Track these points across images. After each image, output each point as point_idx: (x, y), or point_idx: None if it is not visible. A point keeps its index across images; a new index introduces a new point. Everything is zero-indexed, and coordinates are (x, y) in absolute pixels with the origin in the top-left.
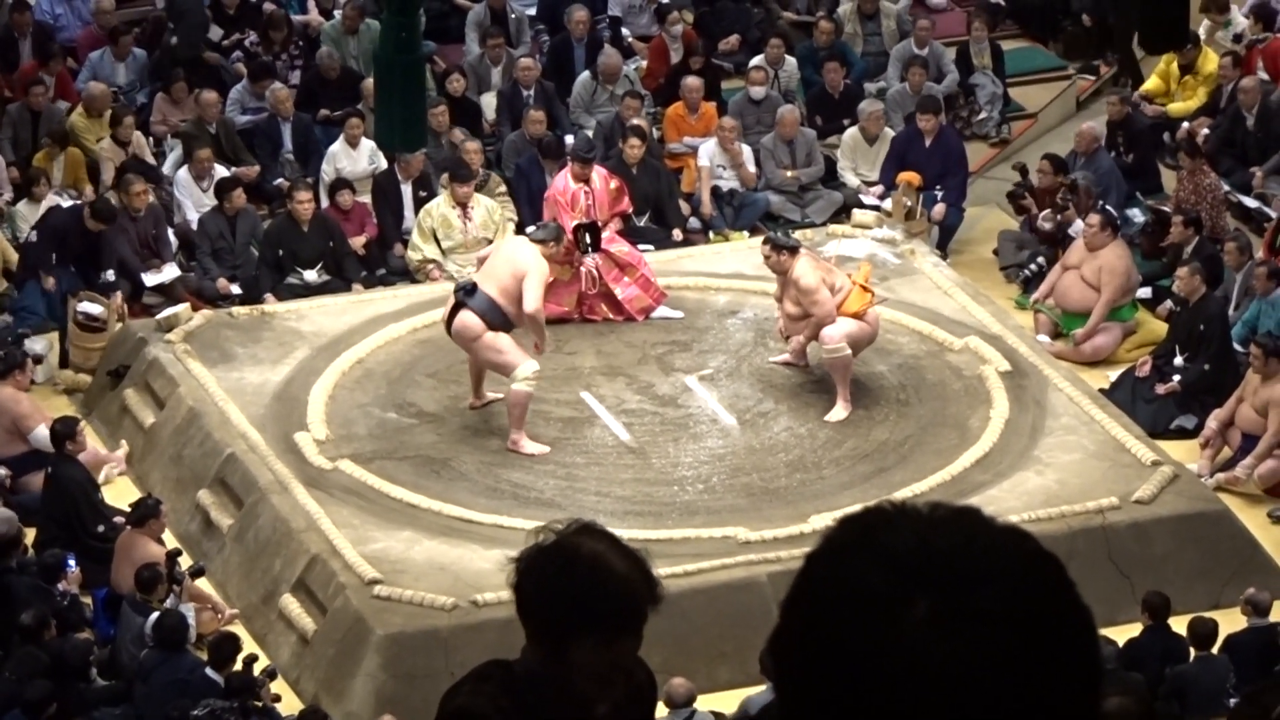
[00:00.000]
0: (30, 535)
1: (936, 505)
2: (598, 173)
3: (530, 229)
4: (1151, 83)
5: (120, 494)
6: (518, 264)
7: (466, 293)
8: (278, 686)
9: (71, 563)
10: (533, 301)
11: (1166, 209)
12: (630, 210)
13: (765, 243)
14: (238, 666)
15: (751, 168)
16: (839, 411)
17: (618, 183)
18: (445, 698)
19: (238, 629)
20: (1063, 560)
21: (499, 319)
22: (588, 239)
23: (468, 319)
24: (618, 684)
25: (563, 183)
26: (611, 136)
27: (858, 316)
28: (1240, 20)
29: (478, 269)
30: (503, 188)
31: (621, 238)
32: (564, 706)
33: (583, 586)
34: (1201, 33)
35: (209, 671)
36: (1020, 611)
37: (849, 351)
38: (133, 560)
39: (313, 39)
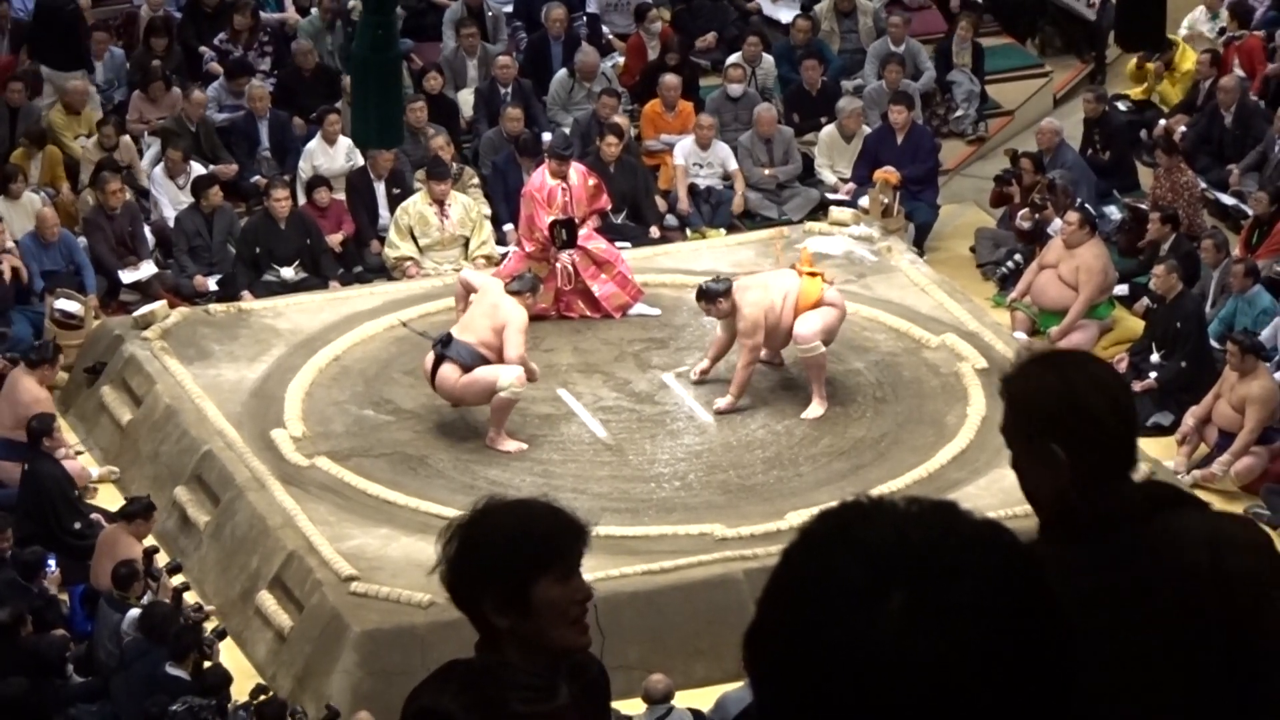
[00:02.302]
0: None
1: (914, 499)
2: (576, 170)
3: (509, 282)
4: (1129, 69)
5: (103, 502)
6: (497, 317)
7: (443, 344)
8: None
9: (52, 563)
10: (514, 350)
11: (1143, 206)
12: (608, 207)
13: (699, 298)
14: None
15: (732, 165)
16: (815, 409)
17: (595, 180)
18: (409, 699)
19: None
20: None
21: (480, 365)
22: (564, 235)
23: (450, 370)
24: (586, 623)
25: (540, 179)
26: (588, 134)
27: (819, 304)
28: (1225, 14)
29: (461, 312)
30: (475, 180)
31: (599, 235)
32: (527, 697)
33: (523, 524)
34: (1192, 17)
35: (169, 668)
36: (997, 605)
37: (824, 349)
38: (114, 557)
39: (290, 36)
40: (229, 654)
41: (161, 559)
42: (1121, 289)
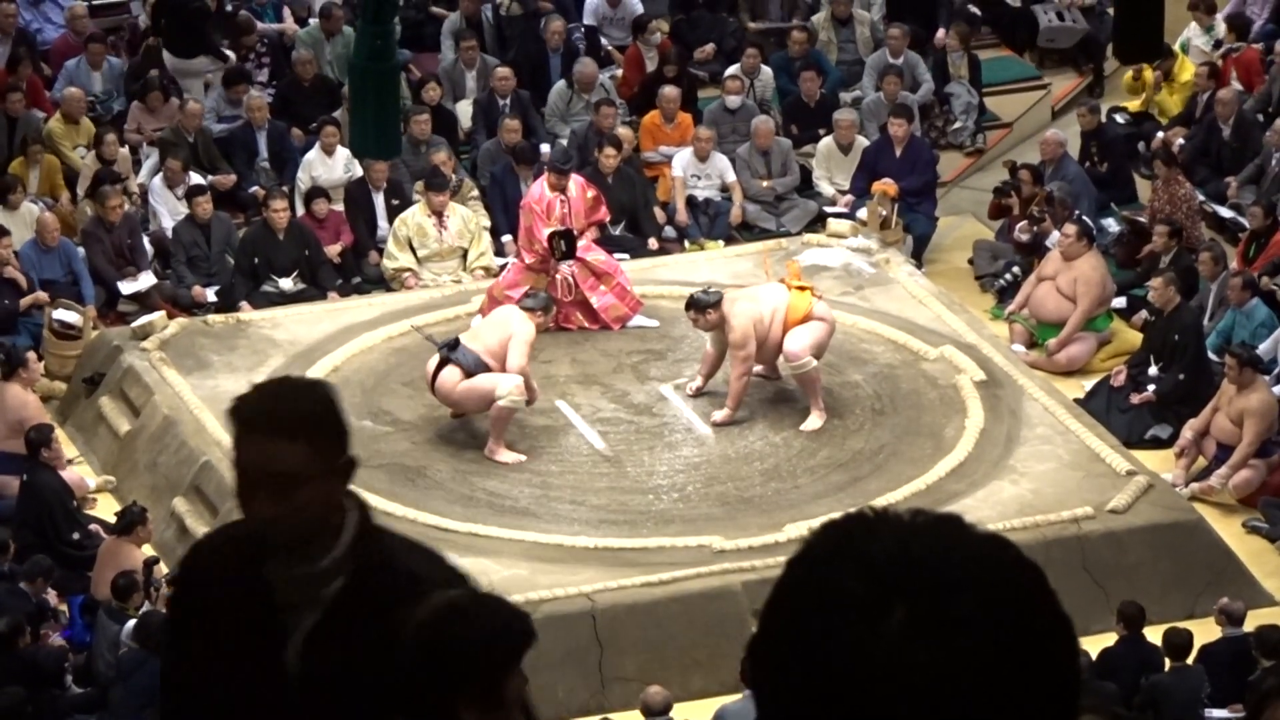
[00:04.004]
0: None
1: (918, 512)
2: (575, 182)
3: (522, 298)
4: (1126, 79)
5: (101, 510)
6: (506, 329)
7: (450, 348)
8: None
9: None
10: (516, 360)
11: (1142, 219)
12: (607, 219)
13: (688, 308)
14: None
15: (731, 177)
16: (814, 421)
17: (595, 192)
18: None
19: None
20: None
21: (482, 372)
22: (563, 246)
23: (451, 374)
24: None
25: (538, 192)
26: (586, 145)
27: (808, 318)
28: (1222, 27)
29: (481, 312)
30: (475, 192)
31: (598, 246)
32: None
33: (492, 622)
34: (1187, 33)
35: None
36: (999, 619)
37: (816, 364)
38: (116, 567)
39: (288, 47)
40: None
41: (162, 569)
42: (1120, 301)
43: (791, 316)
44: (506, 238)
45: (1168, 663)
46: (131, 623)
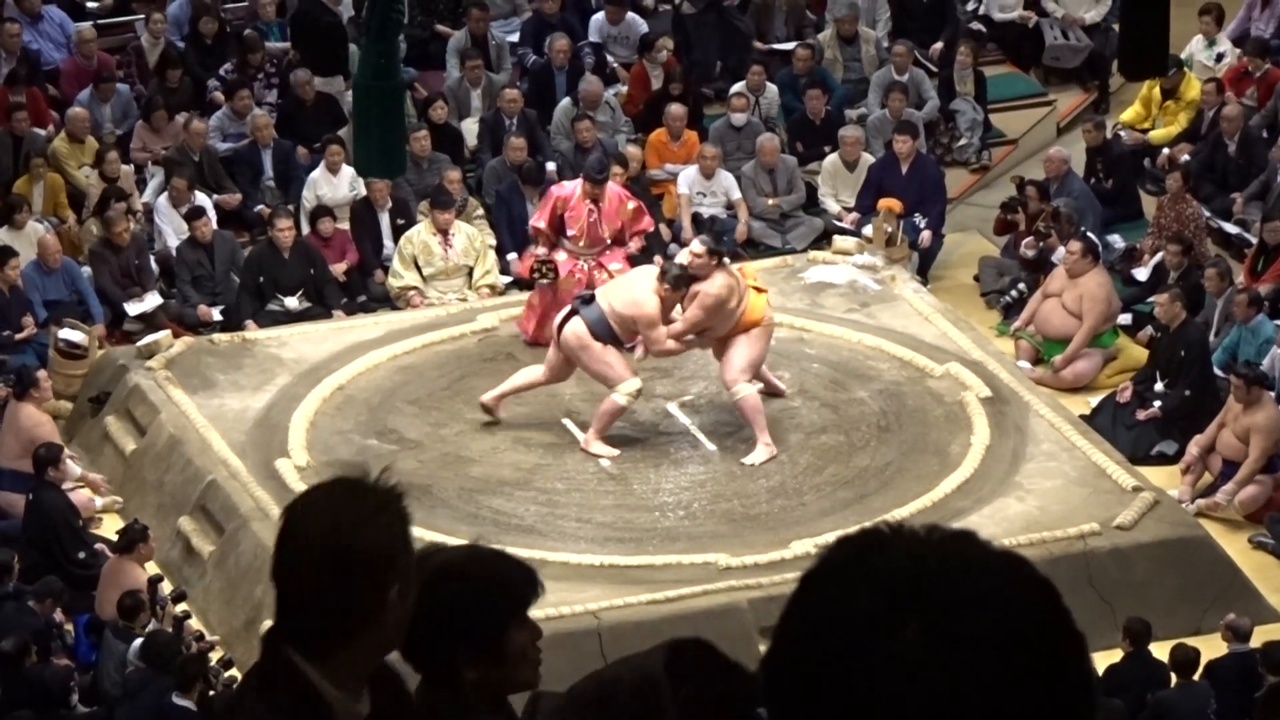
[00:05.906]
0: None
1: (932, 528)
2: (612, 191)
3: (664, 261)
4: (1132, 110)
5: (106, 529)
6: (633, 293)
7: (584, 302)
8: None
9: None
10: (658, 343)
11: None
12: (651, 229)
13: (701, 243)
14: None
15: (736, 194)
16: (760, 453)
17: (636, 203)
18: None
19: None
20: None
21: (606, 334)
22: (545, 272)
23: (577, 328)
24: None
25: (571, 189)
26: (576, 165)
27: (758, 322)
28: (1225, 41)
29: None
30: (480, 211)
31: (627, 261)
32: None
33: (488, 575)
34: (1190, 48)
35: (176, 698)
36: (1011, 636)
37: (754, 390)
38: (120, 586)
39: (294, 66)
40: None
41: (166, 587)
42: (1125, 318)
43: (750, 316)
44: (512, 256)
45: (1174, 679)
46: (138, 642)
